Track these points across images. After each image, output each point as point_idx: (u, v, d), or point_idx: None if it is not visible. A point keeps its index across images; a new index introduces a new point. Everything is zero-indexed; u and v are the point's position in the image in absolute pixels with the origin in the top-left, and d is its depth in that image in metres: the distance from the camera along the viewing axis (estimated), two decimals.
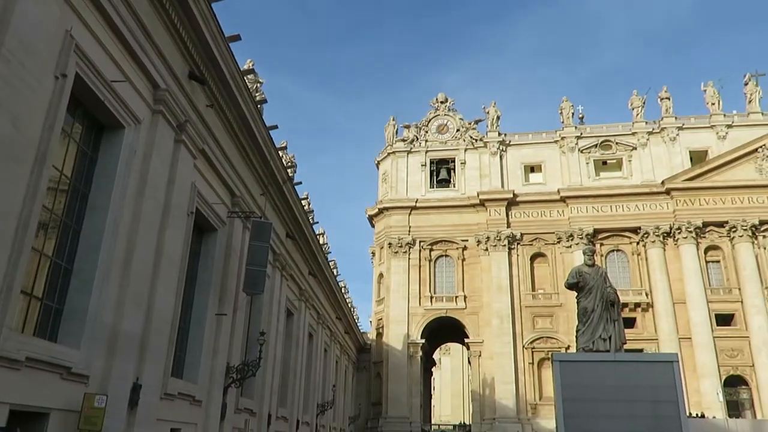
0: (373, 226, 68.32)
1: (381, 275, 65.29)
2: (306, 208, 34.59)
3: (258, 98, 23.11)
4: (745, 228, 56.71)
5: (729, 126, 61.64)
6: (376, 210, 66.23)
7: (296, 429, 32.05)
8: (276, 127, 23.42)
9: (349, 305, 58.81)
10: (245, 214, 21.13)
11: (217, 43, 16.65)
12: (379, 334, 63.08)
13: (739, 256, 56.84)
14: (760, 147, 58.79)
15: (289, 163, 30.08)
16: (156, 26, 14.09)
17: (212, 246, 19.60)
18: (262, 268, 19.38)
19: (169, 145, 15.25)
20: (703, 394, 52.35)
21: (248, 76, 22.24)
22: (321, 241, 41.96)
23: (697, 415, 48.32)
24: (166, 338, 15.09)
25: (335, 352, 49.90)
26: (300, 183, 29.61)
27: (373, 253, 68.16)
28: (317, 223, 38.30)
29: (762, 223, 57.12)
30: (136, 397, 13.16)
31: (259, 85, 24.47)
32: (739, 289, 56.21)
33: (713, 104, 63.16)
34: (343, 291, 52.03)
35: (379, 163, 69.73)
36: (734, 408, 53.91)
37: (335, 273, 46.59)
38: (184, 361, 17.74)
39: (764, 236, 57.46)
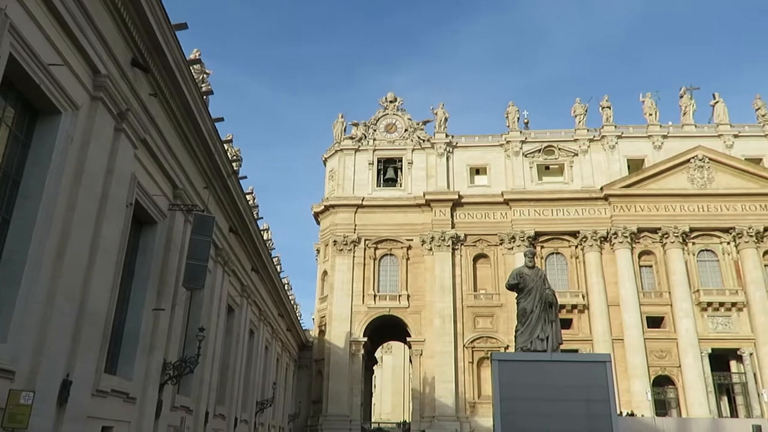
0: (318, 223, 67.96)
1: (325, 273, 65.04)
2: (251, 202, 34.08)
3: (204, 89, 22.63)
4: (676, 235, 59.23)
5: (664, 136, 64.27)
6: (322, 207, 65.92)
7: (234, 427, 31.56)
8: (222, 119, 22.98)
9: (292, 302, 58.33)
10: (187, 207, 20.65)
11: (163, 31, 16.19)
12: (322, 332, 62.81)
13: (670, 262, 59.32)
14: (692, 158, 61.52)
15: (235, 157, 29.57)
16: (98, 9, 13.59)
17: (151, 239, 19.08)
18: (203, 263, 18.99)
19: (108, 134, 14.75)
20: (634, 394, 54.39)
21: (194, 66, 21.74)
22: (265, 237, 41.44)
23: (626, 413, 50.22)
24: (100, 333, 14.60)
25: (276, 350, 49.40)
26: (245, 177, 29.17)
27: (318, 251, 67.78)
28: (261, 218, 37.81)
29: (692, 230, 59.80)
30: (66, 394, 12.68)
31: (205, 75, 23.94)
32: (669, 293, 58.69)
33: (651, 115, 65.72)
34: (286, 288, 51.56)
35: (326, 160, 69.40)
36: (662, 406, 56.32)
37: (279, 269, 46.11)
38: (119, 357, 17.22)
39: (693, 243, 60.20)
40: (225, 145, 25.39)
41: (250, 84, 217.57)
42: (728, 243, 59.77)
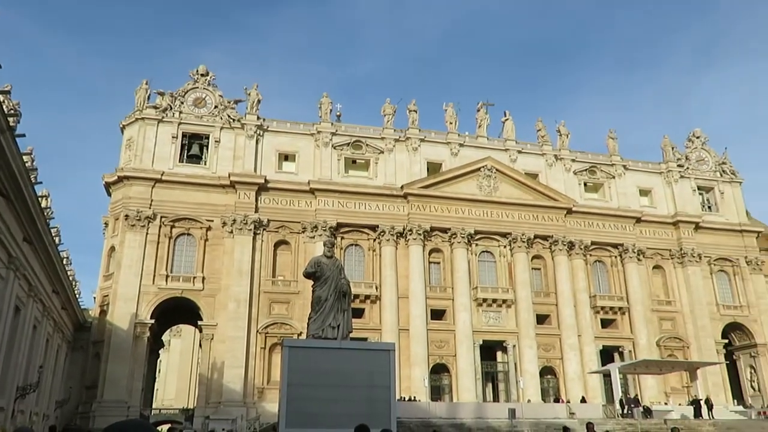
0: (110, 194, 62.54)
1: (113, 248, 60.15)
2: (28, 164, 30.29)
3: None
4: (463, 236, 64.70)
5: (461, 145, 69.79)
6: (116, 177, 60.78)
7: None
8: None
9: (71, 278, 53.00)
10: None
11: None
12: (104, 312, 58.05)
13: (455, 260, 64.63)
14: (482, 167, 67.71)
15: (12, 111, 26.05)
16: None
17: None
18: None
19: None
20: (414, 380, 58.34)
21: None
22: (43, 205, 37.12)
23: (405, 398, 53.74)
24: None
25: (47, 329, 44.61)
26: (23, 135, 25.76)
27: (107, 224, 62.39)
28: (41, 183, 33.71)
29: (476, 233, 65.82)
30: None
31: None
32: (452, 288, 63.97)
33: (451, 123, 70.89)
34: (65, 262, 46.72)
35: (124, 127, 64.08)
36: (437, 392, 61.25)
37: (57, 241, 41.62)
38: None
39: (476, 244, 66.32)
40: (1, 95, 22.23)
41: (39, 36, 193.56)
42: (504, 246, 66.80)
